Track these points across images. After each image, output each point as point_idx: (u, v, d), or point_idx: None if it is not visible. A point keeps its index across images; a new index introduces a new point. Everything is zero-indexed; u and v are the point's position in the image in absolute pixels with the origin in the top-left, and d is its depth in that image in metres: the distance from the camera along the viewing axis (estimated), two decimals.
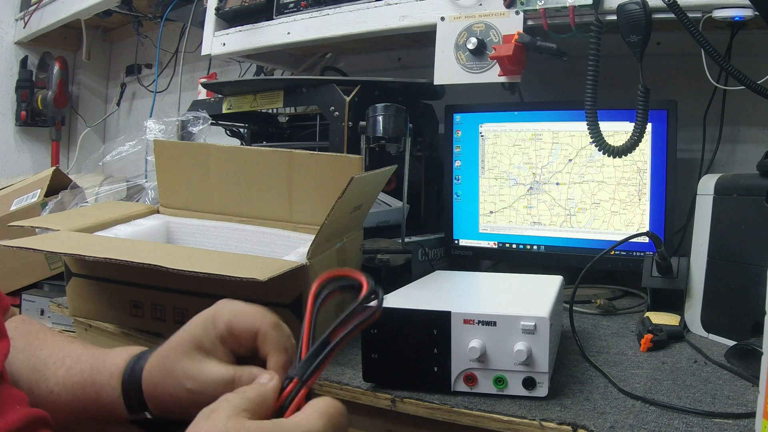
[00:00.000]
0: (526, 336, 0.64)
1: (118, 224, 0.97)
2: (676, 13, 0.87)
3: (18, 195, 1.52)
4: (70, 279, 0.92)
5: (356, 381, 0.71)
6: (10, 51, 2.31)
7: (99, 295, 0.90)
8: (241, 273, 0.67)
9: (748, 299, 0.80)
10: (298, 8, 1.29)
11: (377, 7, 1.18)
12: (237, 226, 1.00)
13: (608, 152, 0.95)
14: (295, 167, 0.95)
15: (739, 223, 0.84)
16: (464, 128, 1.26)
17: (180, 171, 1.05)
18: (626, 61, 1.04)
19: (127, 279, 0.87)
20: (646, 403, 0.64)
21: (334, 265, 0.90)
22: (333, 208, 0.77)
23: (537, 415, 0.62)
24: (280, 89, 1.22)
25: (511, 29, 1.04)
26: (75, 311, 0.94)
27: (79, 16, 1.97)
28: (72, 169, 2.33)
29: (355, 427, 0.75)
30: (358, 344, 0.70)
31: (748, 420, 0.60)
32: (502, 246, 1.25)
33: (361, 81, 1.16)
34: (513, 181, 1.22)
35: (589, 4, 0.96)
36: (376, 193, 1.05)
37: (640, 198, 1.12)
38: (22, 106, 2.30)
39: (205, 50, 1.45)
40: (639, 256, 1.11)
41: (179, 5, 1.72)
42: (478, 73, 1.10)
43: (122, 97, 2.40)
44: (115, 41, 2.48)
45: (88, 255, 0.75)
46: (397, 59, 1.63)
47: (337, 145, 1.12)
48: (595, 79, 0.94)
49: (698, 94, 1.20)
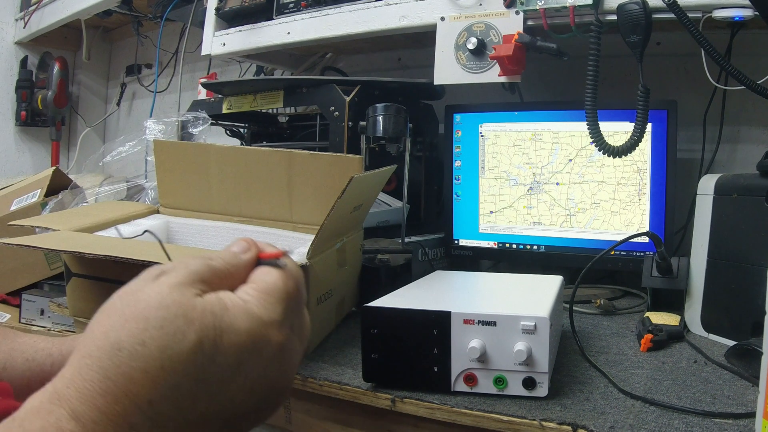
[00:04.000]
0: (526, 336, 0.64)
1: (118, 224, 0.97)
2: (676, 13, 0.87)
3: (18, 195, 1.52)
4: (70, 279, 0.92)
5: (356, 381, 0.71)
6: (10, 51, 2.31)
7: (99, 295, 0.90)
8: None
9: (748, 299, 0.80)
10: (298, 8, 1.29)
11: (377, 7, 1.18)
12: (237, 226, 1.00)
13: (608, 152, 0.95)
14: (295, 167, 0.95)
15: (739, 223, 0.84)
16: (464, 128, 1.26)
17: (180, 171, 1.05)
18: (626, 61, 1.04)
19: (127, 279, 0.87)
20: (646, 403, 0.64)
21: (334, 264, 0.90)
22: (333, 208, 0.77)
23: (537, 415, 0.62)
24: (280, 89, 1.22)
25: (511, 29, 1.04)
26: (75, 311, 0.93)
27: (79, 16, 1.97)
28: (72, 169, 2.33)
29: (355, 427, 0.75)
30: (358, 344, 0.70)
31: (748, 420, 0.60)
32: (502, 246, 1.25)
33: (361, 81, 1.16)
34: (513, 181, 1.22)
35: (589, 4, 0.96)
36: (376, 193, 1.05)
37: (640, 198, 1.12)
38: (22, 106, 2.30)
39: (205, 50, 1.45)
40: (639, 256, 1.11)
41: (179, 5, 1.72)
42: (478, 73, 1.10)
43: (122, 97, 2.40)
44: (115, 41, 2.48)
45: (87, 253, 0.75)
46: (397, 59, 1.63)
47: (337, 145, 1.12)
48: (595, 79, 0.94)
49: (698, 94, 1.20)
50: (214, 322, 0.33)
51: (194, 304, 0.33)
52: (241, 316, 0.34)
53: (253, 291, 0.36)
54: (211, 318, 0.33)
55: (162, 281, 0.34)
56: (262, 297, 0.35)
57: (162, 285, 0.33)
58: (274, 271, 0.37)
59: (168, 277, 0.34)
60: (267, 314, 0.35)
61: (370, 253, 1.01)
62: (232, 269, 0.37)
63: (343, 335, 0.89)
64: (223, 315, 0.33)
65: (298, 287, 0.37)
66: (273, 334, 0.35)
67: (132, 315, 0.32)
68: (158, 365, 0.31)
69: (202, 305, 0.33)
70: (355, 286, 0.99)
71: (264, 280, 0.36)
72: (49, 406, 0.31)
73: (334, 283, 0.89)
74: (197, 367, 0.32)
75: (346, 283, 0.95)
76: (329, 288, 0.87)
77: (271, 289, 0.36)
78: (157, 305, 0.32)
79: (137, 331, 0.31)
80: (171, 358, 0.31)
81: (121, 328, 0.32)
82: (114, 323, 0.32)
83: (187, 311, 0.32)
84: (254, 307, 0.35)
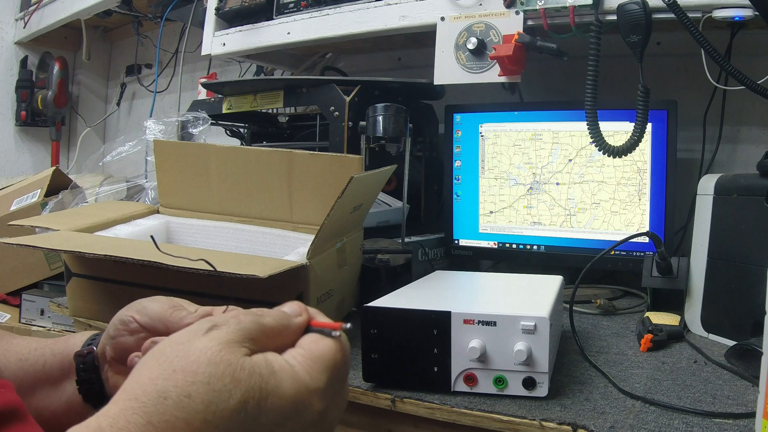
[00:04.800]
0: (526, 336, 0.64)
1: (118, 224, 0.97)
2: (676, 13, 0.87)
3: (18, 195, 1.52)
4: (70, 279, 0.92)
5: (356, 381, 0.71)
6: (10, 51, 2.31)
7: (99, 295, 0.90)
8: (242, 270, 0.67)
9: (748, 299, 0.80)
10: (298, 8, 1.29)
11: (377, 7, 1.18)
12: (237, 226, 1.00)
13: (608, 152, 0.95)
14: (295, 167, 0.95)
15: (739, 223, 0.84)
16: (464, 128, 1.26)
17: (180, 171, 1.05)
18: (626, 61, 1.04)
19: (127, 279, 0.87)
20: (646, 403, 0.64)
21: (334, 264, 0.90)
22: (333, 208, 0.77)
23: (537, 415, 0.62)
24: (280, 89, 1.22)
25: (511, 29, 1.04)
26: (75, 311, 0.93)
27: (79, 16, 1.97)
28: (72, 169, 2.33)
29: (355, 427, 0.75)
30: (358, 344, 0.70)
31: (748, 420, 0.60)
32: (502, 246, 1.25)
33: (361, 81, 1.16)
34: (513, 181, 1.22)
35: (589, 4, 0.96)
36: (375, 193, 1.05)
37: (640, 198, 1.12)
38: (22, 106, 2.30)
39: (205, 50, 1.45)
40: (639, 256, 1.11)
41: (179, 5, 1.72)
42: (478, 73, 1.10)
43: (122, 97, 2.40)
44: (115, 41, 2.48)
45: (88, 252, 0.75)
46: (397, 59, 1.63)
47: (337, 145, 1.12)
48: (595, 79, 0.94)
49: (698, 94, 1.20)
50: (260, 384, 0.33)
51: (242, 365, 0.33)
52: (287, 381, 0.35)
53: (301, 357, 0.37)
54: (258, 380, 0.33)
55: (212, 336, 0.34)
56: (308, 364, 0.36)
57: (212, 341, 0.34)
58: (326, 340, 0.38)
59: (219, 332, 0.35)
60: (312, 382, 0.36)
61: (370, 253, 1.01)
62: (282, 329, 0.38)
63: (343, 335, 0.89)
64: (269, 378, 0.34)
65: (346, 360, 0.39)
66: (315, 401, 0.35)
67: (181, 367, 0.33)
68: (201, 418, 0.32)
69: (251, 366, 0.34)
70: (355, 286, 0.99)
71: (313, 347, 0.37)
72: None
73: (334, 283, 0.89)
74: (239, 425, 0.32)
75: (346, 283, 0.95)
76: (329, 288, 0.87)
77: (318, 357, 0.37)
78: (207, 361, 0.33)
79: (185, 384, 0.32)
80: (215, 414, 0.32)
81: (169, 378, 0.32)
82: (163, 372, 0.33)
83: (235, 371, 0.33)
84: (300, 373, 0.35)
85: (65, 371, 0.50)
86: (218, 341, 0.34)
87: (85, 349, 0.50)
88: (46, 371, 0.51)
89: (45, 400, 0.50)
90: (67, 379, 0.50)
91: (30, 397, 0.50)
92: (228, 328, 0.35)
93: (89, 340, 0.52)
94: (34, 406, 0.50)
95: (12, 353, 0.52)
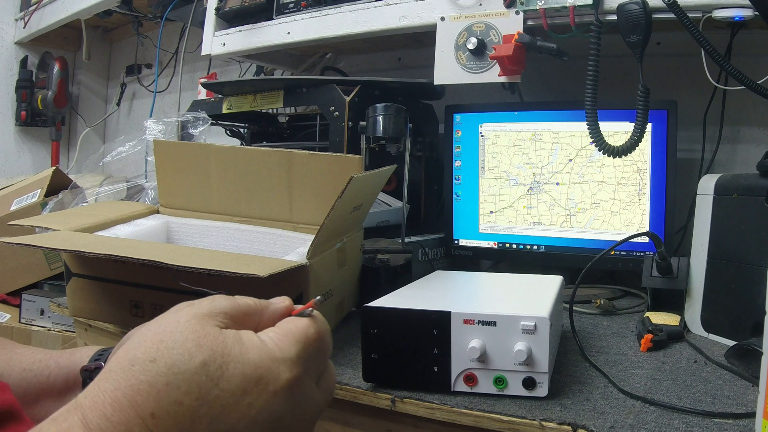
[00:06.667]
0: (526, 336, 0.64)
1: (118, 224, 0.97)
2: (676, 13, 0.87)
3: (18, 195, 1.52)
4: (70, 279, 0.92)
5: (356, 381, 0.71)
6: (10, 51, 2.31)
7: (99, 295, 0.90)
8: (242, 269, 0.67)
9: (748, 299, 0.80)
10: (298, 8, 1.29)
11: (377, 7, 1.18)
12: (237, 226, 1.00)
13: (608, 152, 0.95)
14: (295, 167, 0.95)
15: (739, 223, 0.84)
16: (464, 128, 1.26)
17: (180, 171, 1.05)
18: (626, 61, 1.04)
19: (127, 279, 0.87)
20: (646, 403, 0.64)
21: (334, 264, 0.90)
22: (333, 208, 0.77)
23: (537, 415, 0.62)
24: (280, 89, 1.22)
25: (511, 29, 1.04)
26: (75, 311, 0.94)
27: (79, 16, 1.97)
28: (72, 169, 2.33)
29: (355, 427, 0.75)
30: (358, 344, 0.70)
31: (748, 420, 0.60)
32: (502, 246, 1.25)
33: (361, 81, 1.16)
34: (513, 181, 1.22)
35: (589, 4, 0.96)
36: (375, 193, 1.05)
37: (640, 198, 1.12)
38: (22, 106, 2.30)
39: (205, 50, 1.45)
40: (639, 256, 1.11)
41: (179, 5, 1.72)
42: (478, 73, 1.10)
43: (122, 97, 2.41)
44: (115, 41, 2.48)
45: (88, 252, 0.75)
46: (397, 59, 1.63)
47: (337, 145, 1.12)
48: (595, 79, 0.94)
49: (698, 94, 1.20)
50: (223, 350, 0.35)
51: (208, 332, 0.35)
52: (252, 350, 0.36)
53: (273, 333, 0.38)
54: (221, 347, 0.35)
55: (185, 311, 0.36)
56: (278, 338, 0.37)
57: (183, 314, 0.36)
58: (300, 319, 0.39)
59: (191, 308, 0.37)
60: (280, 352, 0.36)
61: (370, 253, 1.01)
62: (260, 309, 0.39)
63: (343, 335, 0.89)
64: (234, 345, 0.35)
65: (320, 336, 0.39)
66: (282, 370, 0.36)
67: (150, 336, 0.35)
68: (164, 381, 0.33)
69: (216, 334, 0.35)
70: (355, 286, 0.99)
71: (285, 325, 0.39)
72: (66, 414, 0.33)
73: (334, 283, 0.89)
74: (200, 387, 0.33)
75: (346, 283, 0.95)
76: (329, 288, 0.87)
77: (290, 332, 0.38)
78: (174, 329, 0.35)
79: (151, 350, 0.34)
80: (176, 375, 0.33)
81: (139, 347, 0.34)
82: (134, 343, 0.35)
83: (199, 337, 0.35)
84: (269, 344, 0.36)
85: (70, 385, 0.51)
86: (189, 314, 0.36)
87: (92, 363, 0.50)
88: (50, 383, 0.51)
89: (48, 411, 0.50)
90: (72, 393, 0.50)
91: (32, 408, 0.50)
92: (200, 305, 0.37)
93: (96, 354, 0.52)
94: (37, 417, 0.50)
95: (16, 362, 0.52)
